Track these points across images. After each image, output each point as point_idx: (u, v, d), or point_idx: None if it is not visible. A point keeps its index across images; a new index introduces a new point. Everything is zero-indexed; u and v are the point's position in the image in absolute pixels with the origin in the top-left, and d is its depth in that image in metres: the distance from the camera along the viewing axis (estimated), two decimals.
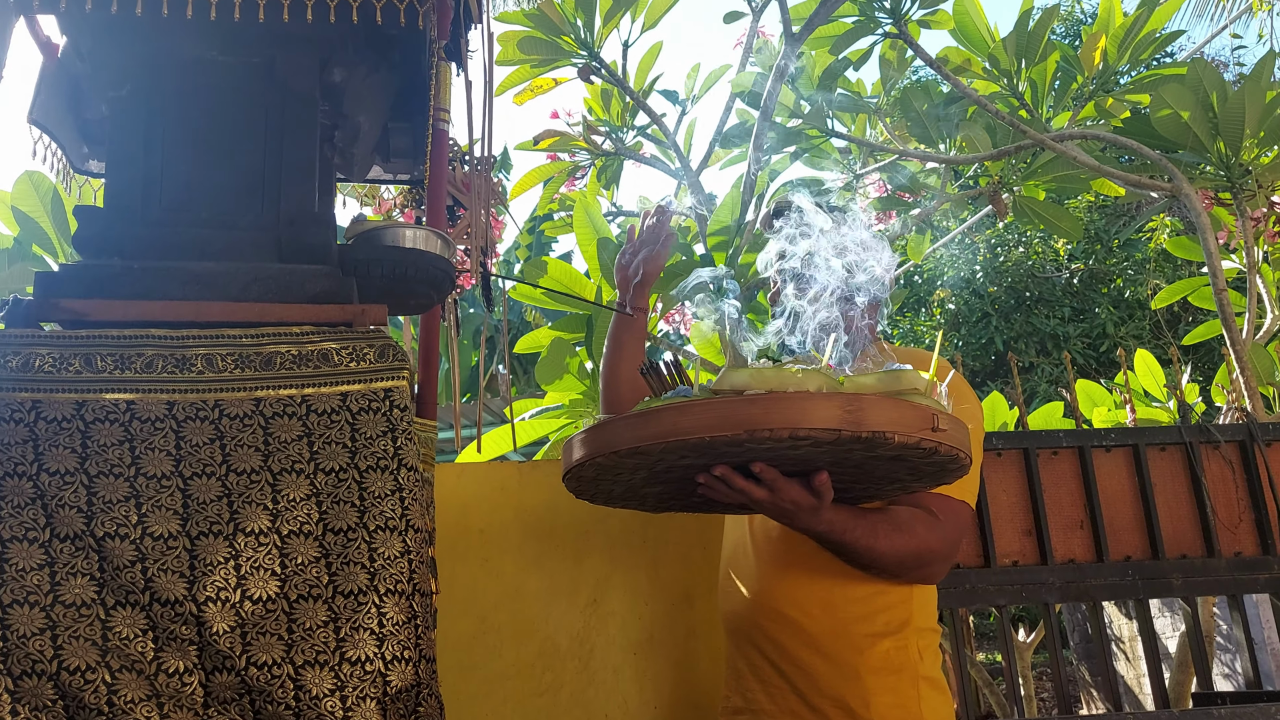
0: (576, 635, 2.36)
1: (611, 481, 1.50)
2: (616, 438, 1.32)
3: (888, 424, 1.24)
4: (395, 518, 1.42)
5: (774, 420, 1.22)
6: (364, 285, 1.66)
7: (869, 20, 4.39)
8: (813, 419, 1.22)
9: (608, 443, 1.34)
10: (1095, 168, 4.14)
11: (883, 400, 1.26)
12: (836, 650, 1.69)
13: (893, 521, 1.61)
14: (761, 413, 1.22)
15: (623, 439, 1.31)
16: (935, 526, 1.64)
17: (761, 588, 1.78)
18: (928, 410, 1.28)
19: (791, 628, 1.72)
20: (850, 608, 1.70)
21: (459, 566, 2.35)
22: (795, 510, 1.45)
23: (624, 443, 1.31)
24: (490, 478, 2.45)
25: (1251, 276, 4.10)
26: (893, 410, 1.25)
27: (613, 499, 1.61)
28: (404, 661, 1.35)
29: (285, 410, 1.45)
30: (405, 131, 2.15)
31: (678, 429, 1.25)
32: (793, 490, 1.41)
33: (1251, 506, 2.75)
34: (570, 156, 5.05)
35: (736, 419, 1.22)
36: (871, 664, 1.68)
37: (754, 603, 1.78)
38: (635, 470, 1.42)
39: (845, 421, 1.22)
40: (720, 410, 1.24)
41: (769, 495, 1.41)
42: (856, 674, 1.67)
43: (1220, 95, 3.90)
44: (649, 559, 2.43)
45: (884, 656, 1.69)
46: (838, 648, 1.69)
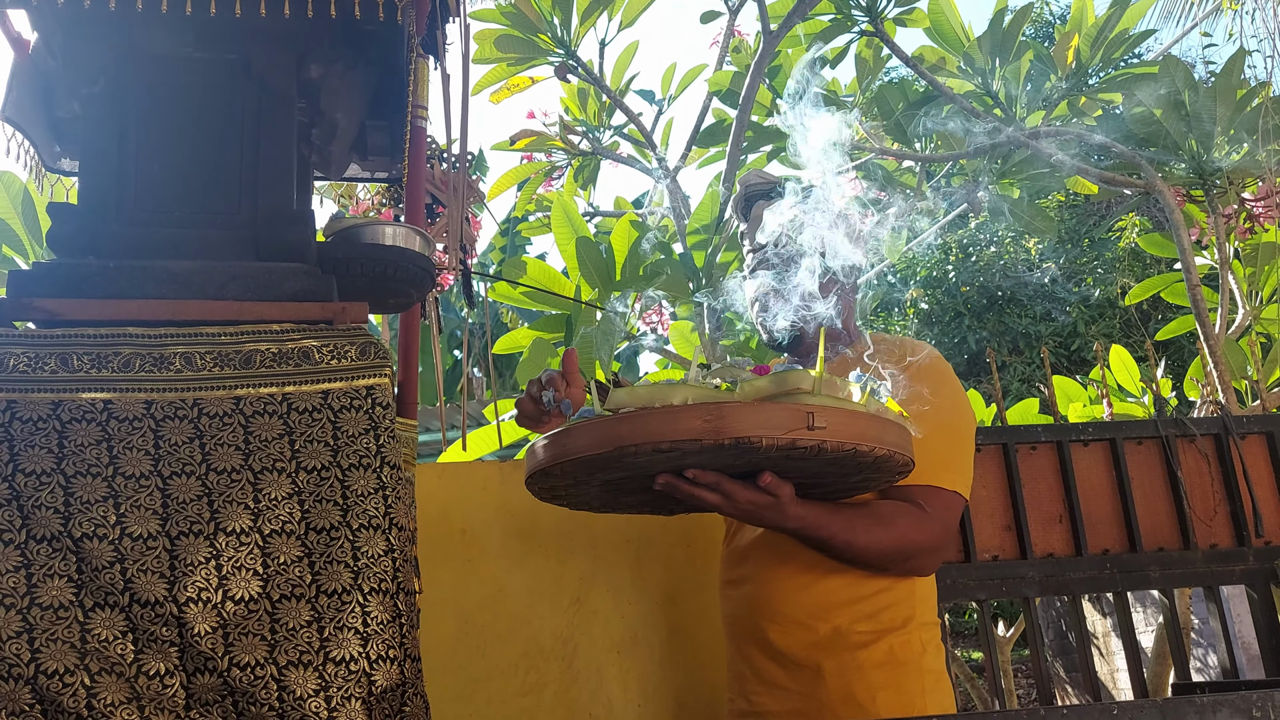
0: (560, 635, 2.35)
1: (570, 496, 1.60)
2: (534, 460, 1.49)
3: (752, 428, 1.29)
4: (378, 516, 1.41)
5: (638, 436, 1.32)
6: (343, 283, 1.64)
7: (845, 18, 4.41)
8: (675, 431, 1.30)
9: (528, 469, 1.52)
10: (1069, 166, 4.17)
11: (746, 406, 1.31)
12: (842, 648, 1.69)
13: (873, 515, 1.62)
14: (629, 430, 1.32)
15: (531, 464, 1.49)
16: (921, 519, 1.64)
17: (763, 590, 1.77)
18: (801, 409, 1.31)
19: (796, 630, 1.72)
20: (854, 606, 1.70)
21: (441, 567, 2.34)
22: (755, 510, 1.47)
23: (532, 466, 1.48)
24: (472, 477, 2.44)
25: (1223, 272, 4.14)
26: (759, 415, 1.30)
27: (598, 509, 1.69)
28: (389, 661, 1.34)
29: (266, 408, 1.44)
30: (383, 129, 2.13)
31: (567, 450, 1.39)
32: (743, 491, 1.44)
33: (1226, 499, 2.78)
34: (547, 156, 5.04)
35: (609, 438, 1.34)
36: (876, 659, 1.68)
37: (756, 605, 1.77)
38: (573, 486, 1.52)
39: (706, 431, 1.29)
40: (595, 431, 1.36)
41: (721, 499, 1.44)
42: (861, 670, 1.67)
43: (1191, 93, 3.94)
44: (632, 558, 2.42)
45: (889, 652, 1.69)
46: (843, 646, 1.69)
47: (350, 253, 1.67)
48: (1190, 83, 3.97)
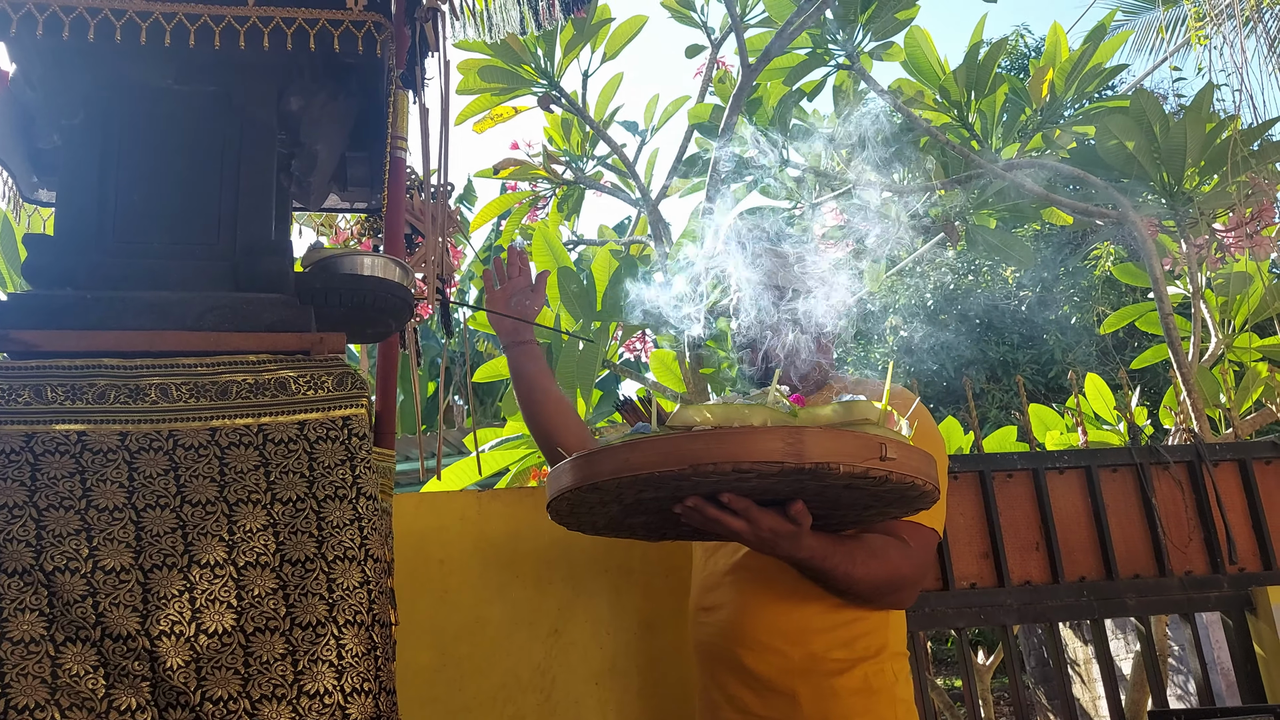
0: (538, 666, 2.34)
1: (591, 514, 1.54)
2: (581, 474, 1.38)
3: (831, 455, 1.26)
4: (354, 547, 1.40)
5: (715, 455, 1.26)
6: (321, 313, 1.65)
7: (823, 52, 4.46)
8: (755, 452, 1.25)
9: (574, 480, 1.40)
10: (1044, 196, 4.23)
11: (826, 432, 1.29)
12: (817, 674, 1.70)
13: (868, 548, 1.65)
14: (704, 448, 1.26)
15: (580, 476, 1.38)
16: (908, 553, 1.68)
17: (739, 618, 1.78)
18: (874, 439, 1.31)
19: (772, 656, 1.73)
20: (830, 633, 1.73)
21: (419, 598, 2.33)
22: (775, 539, 1.47)
23: (582, 480, 1.37)
24: (450, 507, 2.43)
25: (1196, 302, 4.20)
26: (836, 441, 1.28)
27: (600, 530, 1.65)
28: (364, 694, 1.33)
29: (242, 440, 1.43)
30: (363, 160, 2.15)
31: (628, 465, 1.30)
32: (769, 519, 1.44)
33: (1200, 526, 2.80)
34: (531, 186, 5.06)
35: (681, 454, 1.27)
36: (852, 686, 1.70)
37: (731, 632, 1.78)
38: (605, 504, 1.45)
39: (787, 454, 1.25)
40: (667, 446, 1.29)
41: (746, 525, 1.44)
42: (837, 696, 1.69)
43: (1162, 126, 4.01)
44: (610, 587, 2.41)
45: (863, 679, 1.71)
46: (818, 672, 1.71)
47: (329, 283, 1.67)
48: (1161, 116, 4.04)
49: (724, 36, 4.91)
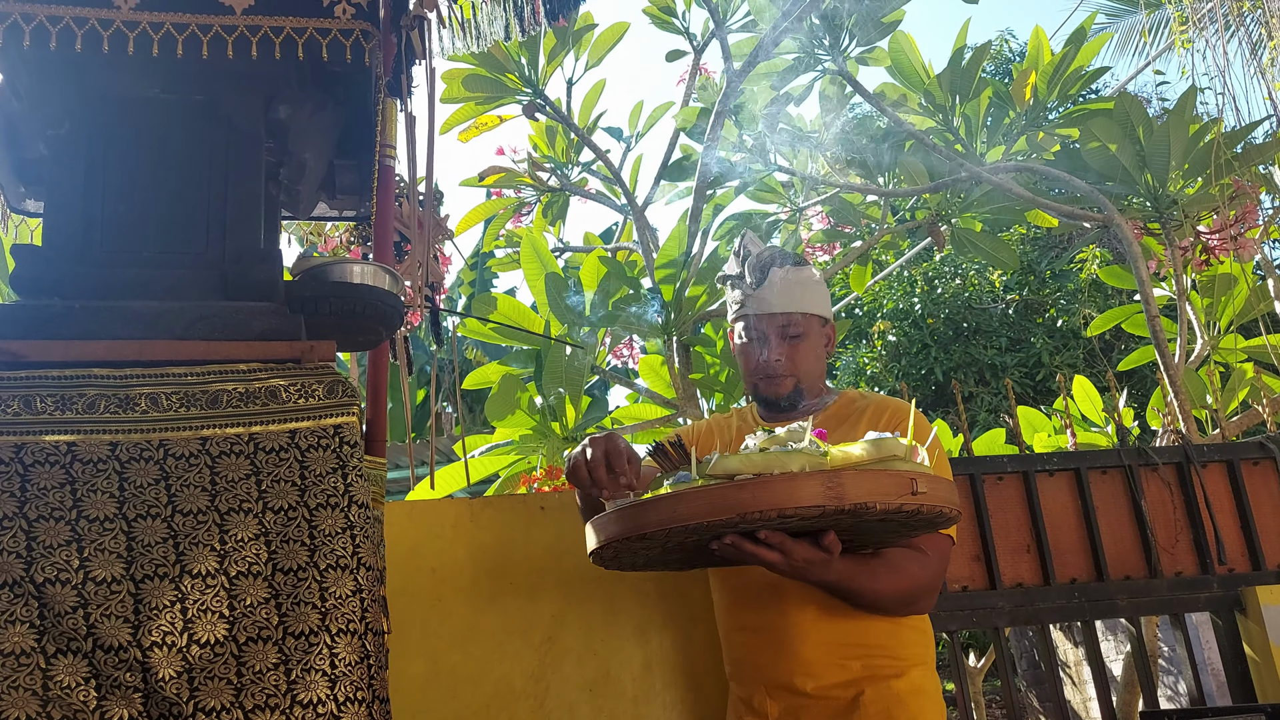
0: (531, 674, 2.33)
1: (632, 557, 1.62)
2: (628, 524, 1.46)
3: (868, 495, 1.35)
4: (346, 556, 1.40)
5: (762, 503, 1.35)
6: (311, 322, 1.64)
7: (808, 57, 4.48)
8: (798, 498, 1.35)
9: (621, 529, 1.48)
10: (1030, 199, 4.25)
11: (861, 474, 1.37)
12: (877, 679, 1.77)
13: (888, 563, 1.72)
14: (750, 496, 1.35)
15: (629, 527, 1.46)
16: (924, 563, 1.76)
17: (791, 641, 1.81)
18: (906, 476, 1.39)
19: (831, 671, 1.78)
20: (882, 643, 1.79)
21: (410, 606, 2.32)
22: (807, 567, 1.54)
23: (631, 530, 1.45)
24: (442, 515, 2.42)
25: (1181, 304, 4.22)
26: (871, 481, 1.37)
27: (637, 567, 1.73)
28: (357, 703, 1.33)
29: (232, 449, 1.43)
30: (351, 168, 2.14)
31: (677, 515, 1.39)
32: (802, 549, 1.50)
33: (1189, 527, 2.81)
34: (516, 193, 5.06)
35: (728, 504, 1.36)
36: (910, 688, 1.77)
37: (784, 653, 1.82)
38: (649, 548, 1.53)
39: (828, 497, 1.34)
40: (713, 497, 1.37)
41: (781, 557, 1.50)
42: (900, 697, 1.76)
43: (1146, 129, 4.03)
44: (604, 594, 2.41)
45: (917, 682, 1.79)
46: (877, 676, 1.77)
47: (318, 291, 1.67)
48: (1144, 119, 4.07)
49: (706, 42, 4.93)
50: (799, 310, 1.99)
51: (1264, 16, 4.01)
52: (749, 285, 2.01)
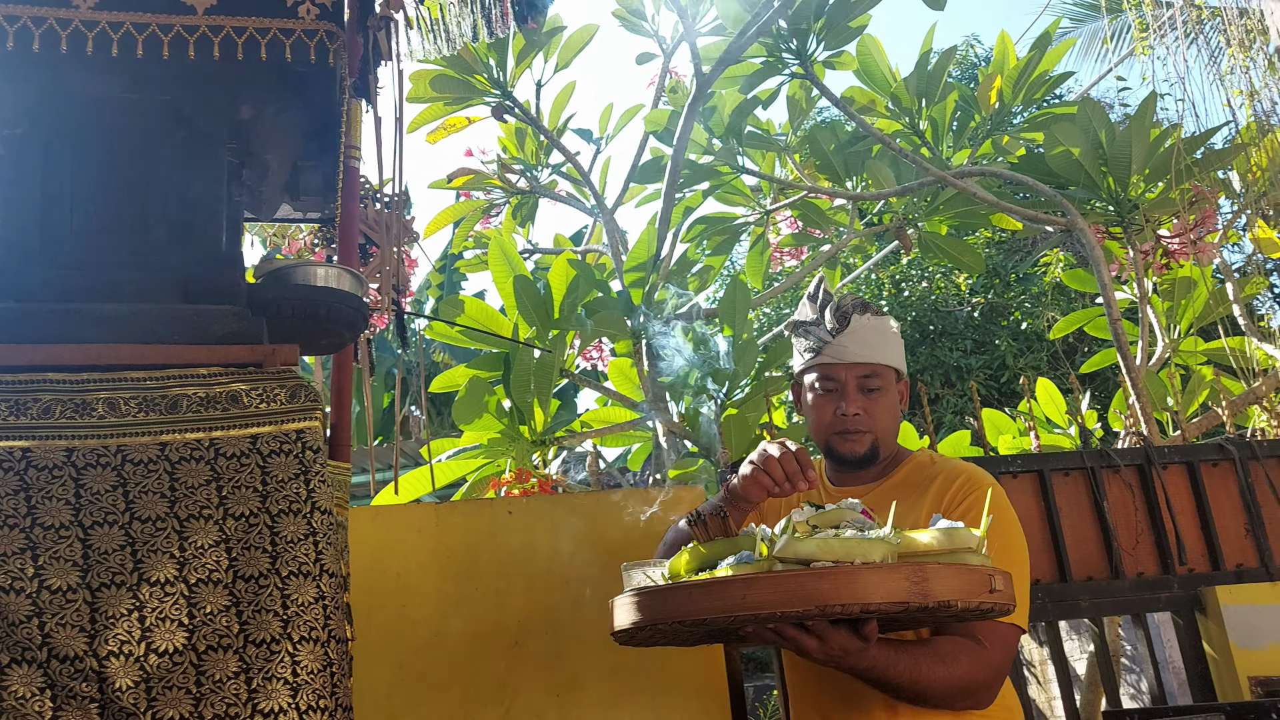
0: (498, 678, 2.32)
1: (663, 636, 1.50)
2: (682, 607, 1.33)
3: (951, 593, 1.27)
4: (309, 563, 1.38)
5: (844, 596, 1.24)
6: (274, 325, 1.62)
7: (776, 60, 4.50)
8: (882, 593, 1.25)
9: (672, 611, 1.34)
10: (994, 203, 4.29)
11: (945, 570, 1.29)
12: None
13: (936, 653, 1.58)
14: (831, 588, 1.24)
15: (689, 609, 1.32)
16: (980, 656, 1.61)
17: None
18: (985, 574, 1.32)
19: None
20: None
21: (376, 612, 2.30)
22: (843, 655, 1.43)
23: (690, 613, 1.32)
24: (407, 520, 2.40)
25: (1143, 307, 4.28)
26: (955, 579, 1.28)
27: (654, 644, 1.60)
28: (320, 711, 1.31)
29: (192, 454, 1.41)
30: (315, 169, 2.12)
31: (746, 603, 1.26)
32: (841, 638, 1.40)
33: (1151, 528, 2.85)
34: (485, 194, 5.04)
35: (806, 594, 1.25)
36: None
37: None
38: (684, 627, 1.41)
39: (913, 594, 1.25)
40: (790, 585, 1.26)
41: (818, 644, 1.40)
42: None
43: (1109, 134, 4.08)
44: (570, 599, 2.40)
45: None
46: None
47: (281, 294, 1.65)
48: (1107, 124, 4.12)
49: (675, 45, 4.94)
50: (880, 361, 1.86)
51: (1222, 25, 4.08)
52: (827, 331, 1.87)
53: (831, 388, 1.87)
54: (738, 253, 5.68)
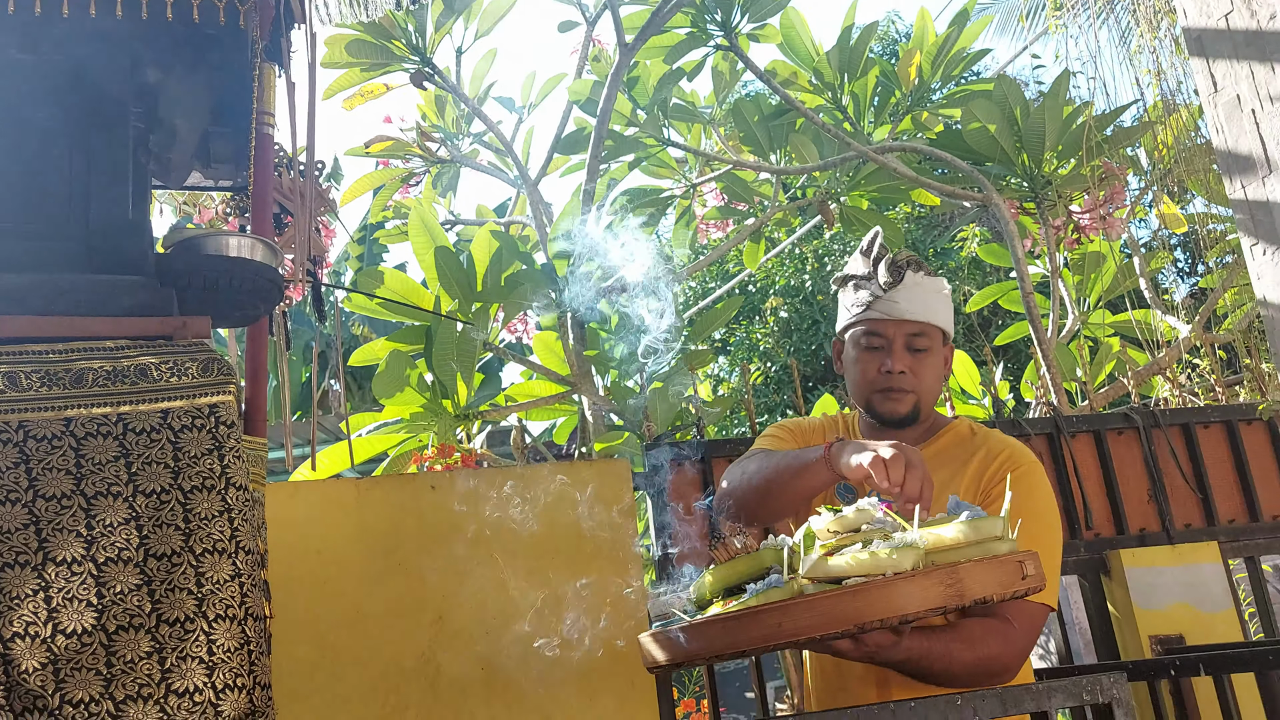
0: (422, 654, 2.31)
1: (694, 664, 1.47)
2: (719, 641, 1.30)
3: (985, 589, 1.27)
4: (224, 539, 1.35)
5: (880, 611, 1.22)
6: (184, 297, 1.57)
7: (700, 32, 4.49)
8: (918, 602, 1.23)
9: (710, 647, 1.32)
10: (913, 179, 4.36)
11: (977, 567, 1.27)
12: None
13: (965, 638, 1.57)
14: (866, 605, 1.23)
15: (725, 643, 1.30)
16: (1009, 636, 1.60)
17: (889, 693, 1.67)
18: (1016, 562, 1.31)
19: None
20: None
21: (295, 589, 2.26)
22: (878, 649, 1.41)
23: (729, 647, 1.29)
24: (327, 496, 2.36)
25: (1054, 280, 4.40)
26: (987, 574, 1.28)
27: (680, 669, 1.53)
28: (237, 689, 1.29)
29: (99, 430, 1.36)
30: (227, 136, 2.05)
31: (783, 631, 1.25)
32: (875, 636, 1.38)
33: (1059, 493, 2.94)
34: (404, 163, 4.95)
35: (843, 615, 1.23)
36: None
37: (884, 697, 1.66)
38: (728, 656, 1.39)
39: (949, 597, 1.24)
40: (826, 609, 1.24)
41: (854, 645, 1.39)
42: None
43: (1023, 111, 4.17)
44: (495, 576, 2.39)
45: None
46: None
47: (192, 264, 1.60)
48: (1022, 101, 4.21)
49: (599, 13, 4.89)
50: (930, 321, 1.81)
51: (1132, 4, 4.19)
52: (880, 285, 1.80)
53: (878, 344, 1.82)
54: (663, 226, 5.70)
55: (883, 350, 1.81)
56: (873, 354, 1.82)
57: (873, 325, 1.82)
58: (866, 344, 1.83)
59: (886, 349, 1.81)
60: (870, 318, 1.82)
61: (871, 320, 1.82)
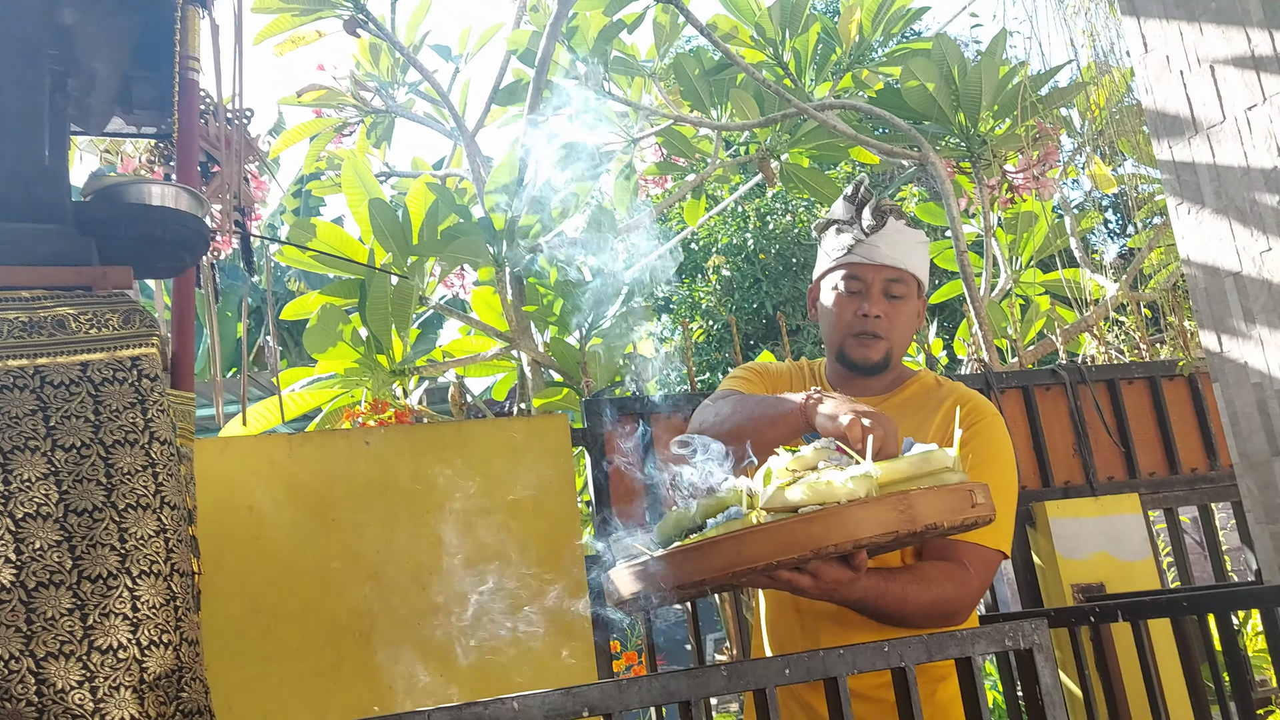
0: (356, 609, 2.30)
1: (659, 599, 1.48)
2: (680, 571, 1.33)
3: (936, 515, 1.30)
4: (148, 495, 1.33)
5: (835, 535, 1.26)
6: (105, 246, 1.53)
7: None
8: (871, 526, 1.26)
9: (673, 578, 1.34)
10: (853, 137, 4.38)
11: (928, 494, 1.31)
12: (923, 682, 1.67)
13: (921, 579, 1.61)
14: (822, 530, 1.26)
15: (687, 572, 1.32)
16: (962, 579, 1.64)
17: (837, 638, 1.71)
18: (966, 490, 1.34)
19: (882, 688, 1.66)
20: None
21: (227, 546, 2.23)
22: (836, 587, 1.43)
23: (689, 576, 1.32)
24: (259, 452, 2.33)
25: (988, 239, 4.47)
26: (938, 500, 1.31)
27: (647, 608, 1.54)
28: (163, 646, 1.27)
29: (16, 383, 1.32)
30: (150, 81, 1.98)
31: (742, 558, 1.27)
32: (833, 571, 1.40)
33: None
34: (339, 112, 4.83)
35: (799, 540, 1.26)
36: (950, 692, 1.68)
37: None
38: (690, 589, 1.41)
39: (901, 522, 1.27)
40: (782, 535, 1.27)
41: (812, 581, 1.41)
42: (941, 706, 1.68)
43: (961, 69, 4.20)
44: (430, 531, 2.39)
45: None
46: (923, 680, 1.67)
47: (113, 213, 1.55)
48: (960, 60, 4.24)
49: None
50: (908, 268, 1.82)
51: None
52: (862, 229, 1.82)
53: (856, 288, 1.82)
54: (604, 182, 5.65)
55: (860, 295, 1.82)
56: (850, 298, 1.83)
57: (853, 269, 1.82)
58: (845, 288, 1.83)
59: (864, 293, 1.82)
60: (850, 261, 1.82)
61: (851, 264, 1.83)
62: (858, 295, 1.82)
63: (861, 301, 1.81)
